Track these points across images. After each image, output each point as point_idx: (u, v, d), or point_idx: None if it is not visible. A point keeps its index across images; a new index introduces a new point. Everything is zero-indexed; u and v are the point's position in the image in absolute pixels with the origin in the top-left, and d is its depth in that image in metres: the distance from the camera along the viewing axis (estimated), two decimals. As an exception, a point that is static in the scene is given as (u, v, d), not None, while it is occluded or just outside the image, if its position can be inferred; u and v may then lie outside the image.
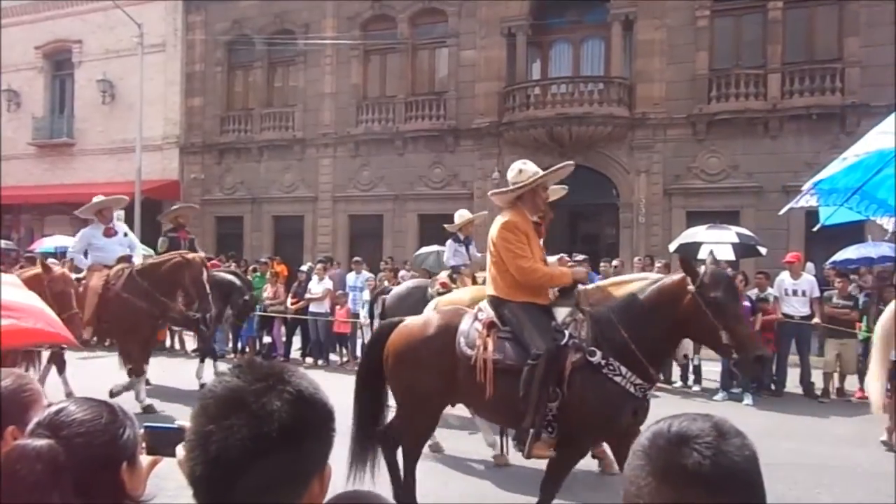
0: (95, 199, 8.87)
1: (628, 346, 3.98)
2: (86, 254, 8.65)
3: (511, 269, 4.29)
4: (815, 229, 5.80)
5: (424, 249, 13.85)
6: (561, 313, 4.27)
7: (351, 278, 12.91)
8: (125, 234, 8.95)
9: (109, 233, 8.63)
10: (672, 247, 12.29)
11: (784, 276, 10.05)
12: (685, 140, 16.34)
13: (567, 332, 4.12)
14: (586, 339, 4.08)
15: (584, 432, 4.15)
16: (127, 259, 8.42)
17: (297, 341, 12.50)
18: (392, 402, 4.66)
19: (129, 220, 19.03)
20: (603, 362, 4.00)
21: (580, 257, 10.98)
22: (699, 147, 16.19)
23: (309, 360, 11.98)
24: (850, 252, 11.26)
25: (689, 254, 11.74)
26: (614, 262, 11.96)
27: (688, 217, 15.66)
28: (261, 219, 20.65)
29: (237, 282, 10.30)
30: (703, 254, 11.32)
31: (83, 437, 1.28)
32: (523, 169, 4.55)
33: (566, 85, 16.99)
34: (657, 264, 11.21)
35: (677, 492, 0.90)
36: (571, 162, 5.07)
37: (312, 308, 12.00)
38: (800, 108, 15.22)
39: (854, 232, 11.19)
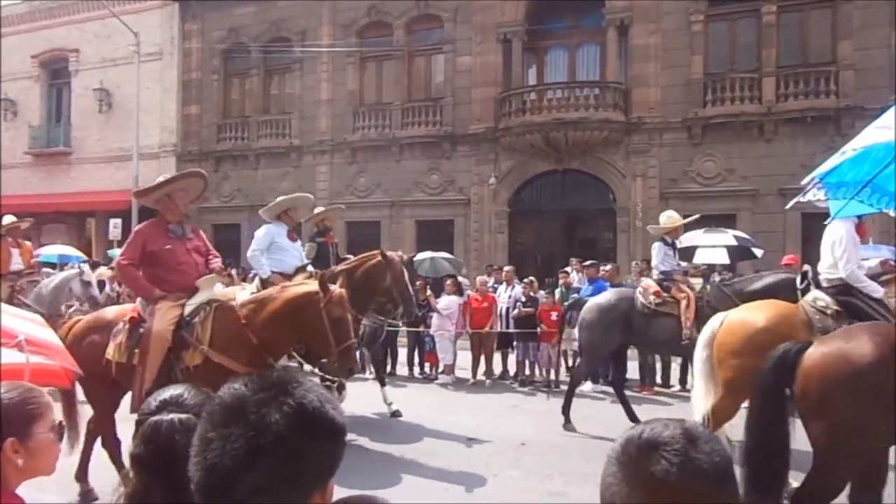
0: (281, 199, 8.12)
1: None
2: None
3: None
4: (826, 223, 5.80)
5: (419, 256, 13.87)
6: None
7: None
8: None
9: (292, 237, 7.74)
10: (669, 251, 12.30)
11: (781, 279, 10.04)
12: (681, 144, 16.39)
13: None
14: None
15: None
16: (303, 269, 7.20)
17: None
18: None
19: (125, 229, 19.08)
20: None
21: (587, 263, 11.04)
22: (695, 151, 16.24)
23: (307, 367, 11.94)
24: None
25: (686, 256, 11.83)
26: (607, 266, 11.96)
27: (684, 221, 15.66)
28: (258, 226, 20.50)
29: None
30: (698, 257, 11.41)
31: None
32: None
33: (562, 90, 17.05)
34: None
35: (646, 498, 0.91)
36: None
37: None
38: (794, 111, 15.28)
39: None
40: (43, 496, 1.75)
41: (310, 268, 7.25)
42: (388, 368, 11.33)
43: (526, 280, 11.42)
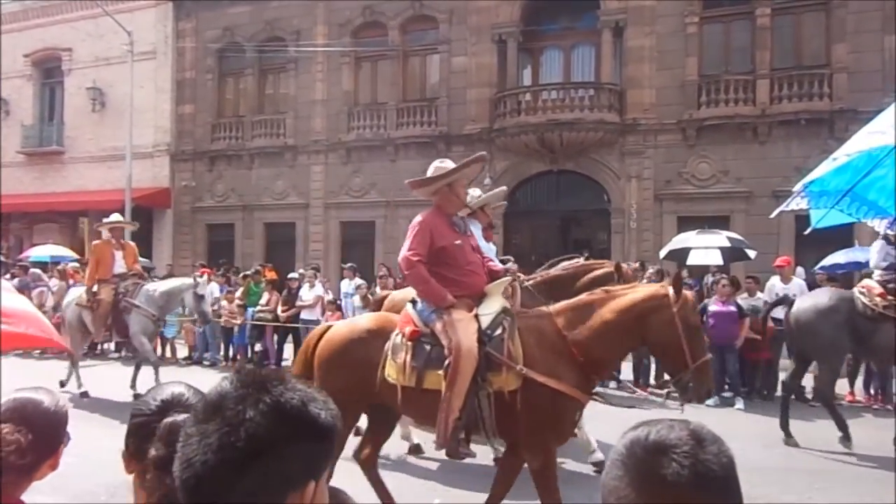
0: (480, 195, 6.96)
1: None
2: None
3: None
4: (806, 232, 5.80)
5: None
6: None
7: (344, 285, 12.89)
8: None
9: (489, 235, 6.74)
10: (662, 253, 12.35)
11: (774, 281, 10.09)
12: (676, 145, 16.43)
13: None
14: None
15: None
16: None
17: (289, 349, 12.45)
18: None
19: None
20: None
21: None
22: (689, 152, 16.28)
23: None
24: (839, 257, 11.34)
25: (679, 258, 11.85)
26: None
27: (679, 222, 15.72)
28: (252, 226, 20.59)
29: None
30: (692, 259, 11.44)
31: None
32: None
33: (557, 91, 17.06)
34: (649, 270, 11.21)
35: (656, 501, 0.90)
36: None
37: (304, 315, 11.96)
38: (788, 113, 15.34)
39: (843, 236, 11.28)
40: (36, 497, 1.76)
41: (512, 265, 6.31)
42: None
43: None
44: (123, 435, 1.50)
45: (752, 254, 11.43)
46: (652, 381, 10.17)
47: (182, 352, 13.45)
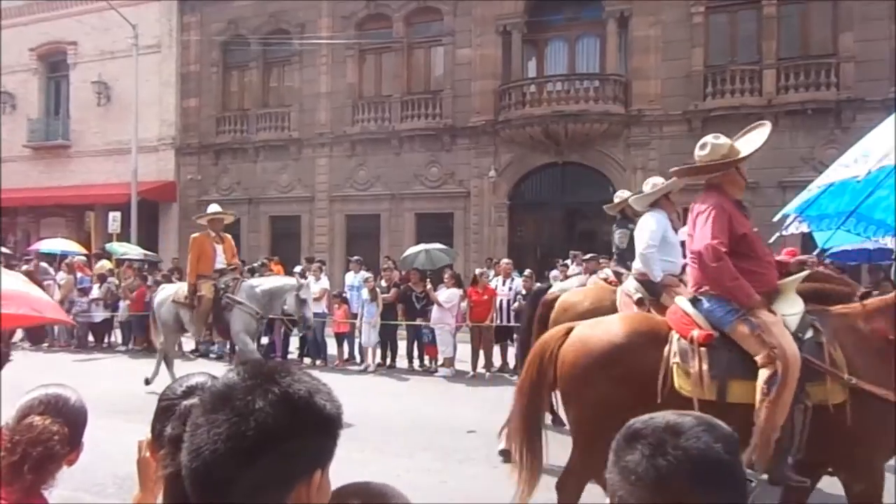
0: (660, 182, 6.23)
1: None
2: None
3: None
4: (815, 253, 5.99)
5: (412, 249, 13.89)
6: None
7: (349, 278, 12.91)
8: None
9: (677, 227, 6.04)
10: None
11: (781, 272, 10.02)
12: (681, 136, 16.34)
13: None
14: None
15: None
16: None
17: (294, 342, 12.51)
18: None
19: (125, 223, 19.09)
20: None
21: (587, 256, 11.01)
22: (695, 143, 16.01)
23: (307, 359, 11.98)
24: (848, 245, 11.22)
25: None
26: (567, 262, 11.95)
27: (685, 214, 15.62)
28: (258, 219, 20.63)
29: None
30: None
31: None
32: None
33: (562, 82, 17.00)
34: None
35: (628, 490, 0.93)
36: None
37: (310, 308, 11.97)
38: (795, 103, 15.25)
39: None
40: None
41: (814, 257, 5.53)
42: (388, 361, 11.37)
43: (526, 273, 11.42)
44: (131, 428, 1.53)
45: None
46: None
47: (189, 345, 13.51)
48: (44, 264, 15.35)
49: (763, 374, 3.36)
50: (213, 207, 9.58)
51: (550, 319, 6.06)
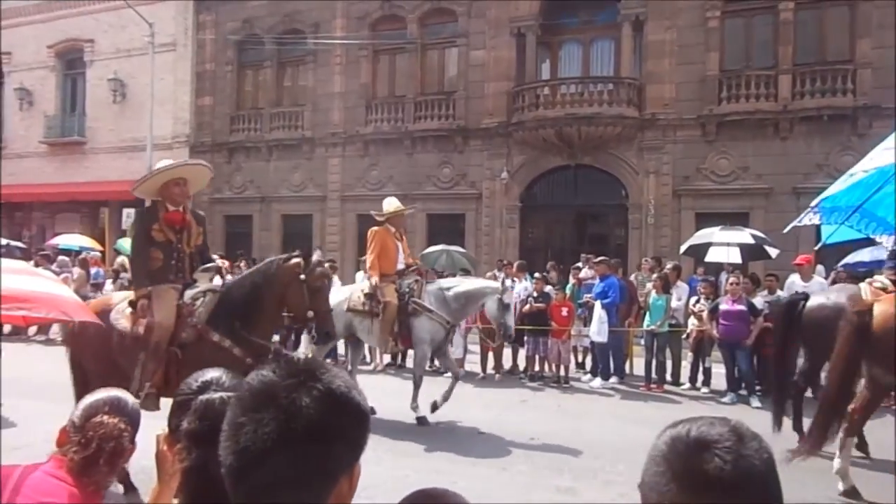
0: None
1: None
2: None
3: None
4: (816, 248, 5.88)
5: (431, 249, 13.88)
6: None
7: (360, 277, 12.91)
8: None
9: None
10: (683, 248, 12.26)
11: (794, 279, 9.97)
12: (695, 141, 16.28)
13: None
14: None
15: None
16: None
17: (304, 339, 12.52)
18: None
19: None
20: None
21: (598, 259, 10.95)
22: (709, 148, 16.13)
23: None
24: (864, 255, 11.15)
25: (698, 254, 11.75)
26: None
27: (697, 218, 15.60)
28: (270, 218, 20.72)
29: None
30: (711, 255, 11.34)
31: None
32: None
33: (576, 85, 16.96)
34: (667, 266, 11.15)
35: (698, 496, 0.91)
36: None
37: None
38: (811, 109, 15.14)
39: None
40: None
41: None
42: (398, 361, 11.37)
43: (537, 275, 11.40)
44: (145, 424, 1.56)
45: (773, 252, 11.26)
46: (669, 379, 10.11)
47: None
48: (64, 258, 15.54)
49: None
50: (392, 202, 8.44)
51: (875, 327, 5.58)
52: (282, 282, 4.98)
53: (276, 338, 11.94)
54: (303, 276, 4.98)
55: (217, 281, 5.22)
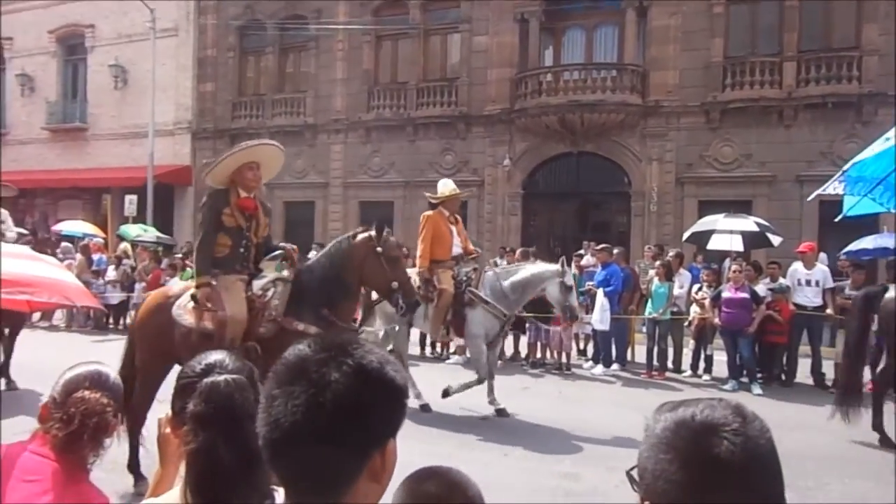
0: None
1: None
2: None
3: None
4: (837, 219, 5.75)
5: None
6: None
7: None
8: None
9: None
10: (686, 235, 12.24)
11: (797, 266, 9.97)
12: (698, 128, 16.22)
13: None
14: None
15: None
16: None
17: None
18: None
19: (141, 206, 19.22)
20: None
21: (600, 246, 10.94)
22: (712, 135, 16.07)
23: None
24: (867, 242, 11.11)
25: (700, 241, 11.72)
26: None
27: (700, 206, 15.57)
28: (272, 204, 20.49)
29: None
30: (713, 243, 11.32)
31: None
32: None
33: (579, 72, 16.89)
34: (669, 253, 11.15)
35: (709, 481, 0.90)
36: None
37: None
38: (815, 96, 15.05)
39: (868, 222, 11.09)
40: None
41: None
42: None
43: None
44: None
45: (776, 241, 11.22)
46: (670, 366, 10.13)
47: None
48: (68, 244, 15.58)
49: None
50: (447, 183, 8.12)
51: None
52: (359, 257, 4.91)
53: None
54: (379, 249, 4.93)
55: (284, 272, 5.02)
